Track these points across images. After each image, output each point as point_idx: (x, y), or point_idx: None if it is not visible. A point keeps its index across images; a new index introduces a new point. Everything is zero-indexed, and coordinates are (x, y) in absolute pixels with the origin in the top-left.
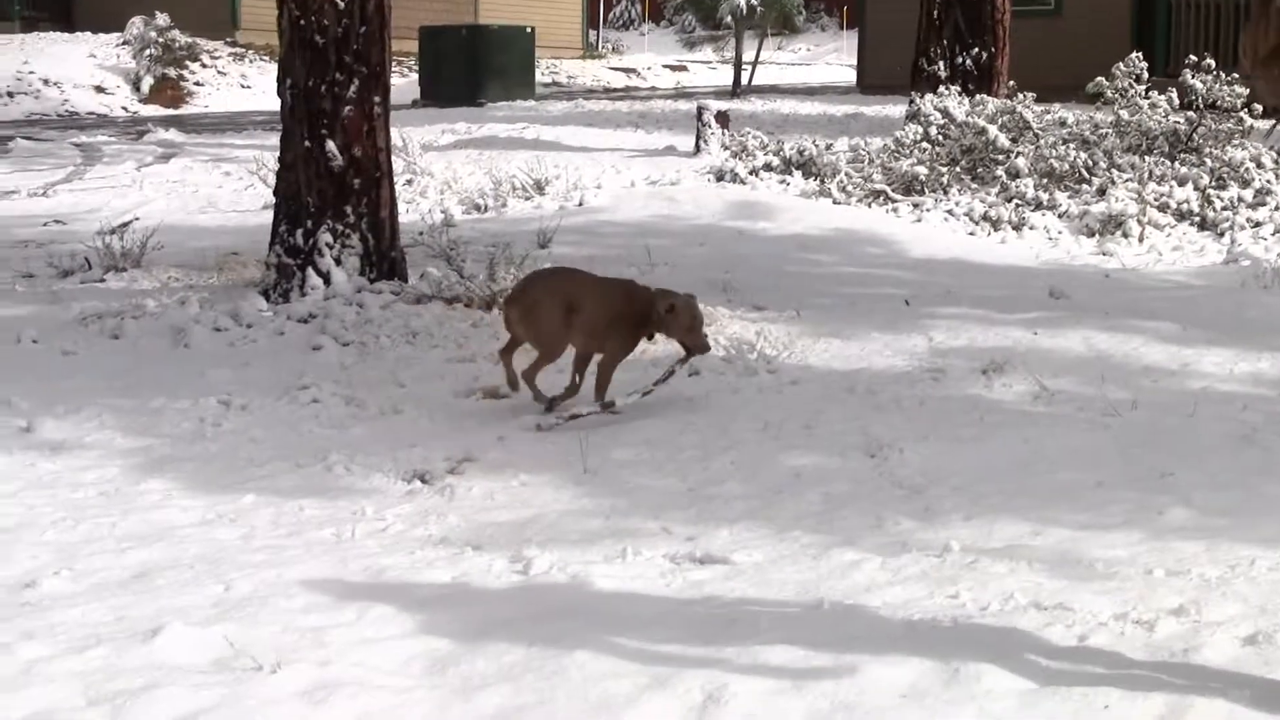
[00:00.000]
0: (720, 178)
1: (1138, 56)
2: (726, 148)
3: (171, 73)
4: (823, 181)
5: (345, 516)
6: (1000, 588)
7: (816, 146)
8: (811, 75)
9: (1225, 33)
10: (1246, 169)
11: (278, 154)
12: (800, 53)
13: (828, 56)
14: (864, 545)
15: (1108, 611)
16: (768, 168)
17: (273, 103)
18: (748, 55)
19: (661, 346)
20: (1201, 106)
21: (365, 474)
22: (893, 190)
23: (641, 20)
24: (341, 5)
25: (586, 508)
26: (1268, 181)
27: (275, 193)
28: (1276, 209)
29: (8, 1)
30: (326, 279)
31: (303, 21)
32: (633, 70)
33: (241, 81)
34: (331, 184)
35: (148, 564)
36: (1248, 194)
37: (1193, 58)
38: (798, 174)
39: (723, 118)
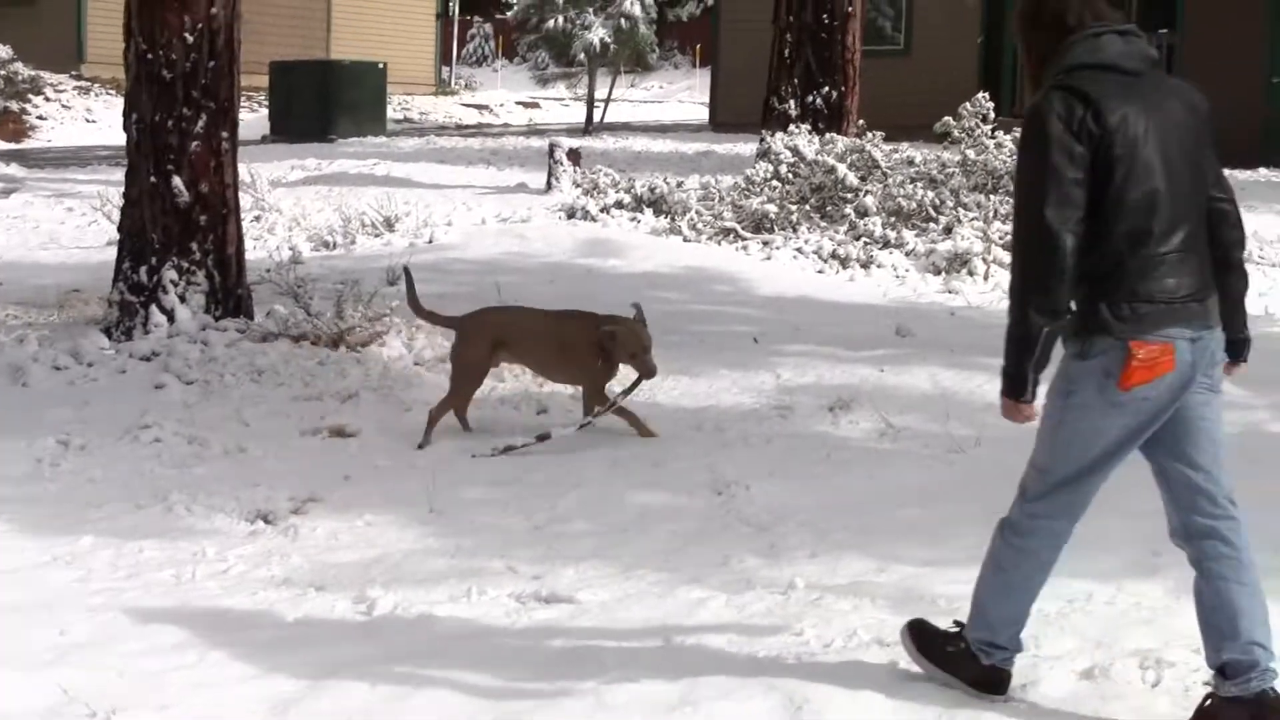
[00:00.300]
0: (571, 215)
1: (984, 97)
2: (578, 185)
3: (14, 106)
4: (673, 219)
5: (186, 558)
6: (844, 625)
7: (667, 184)
8: (664, 113)
9: None
10: None
11: (123, 190)
12: (653, 90)
13: (680, 94)
14: (710, 583)
15: None
16: (619, 205)
17: (118, 137)
18: (600, 92)
19: (510, 384)
20: None
21: (207, 514)
22: (743, 228)
23: (495, 57)
24: (190, 40)
25: (432, 547)
26: None
27: (120, 229)
28: None
29: None
30: (171, 316)
31: (150, 56)
32: (485, 107)
33: (86, 115)
34: (177, 220)
35: None
36: None
37: None
38: (649, 211)
39: (574, 155)
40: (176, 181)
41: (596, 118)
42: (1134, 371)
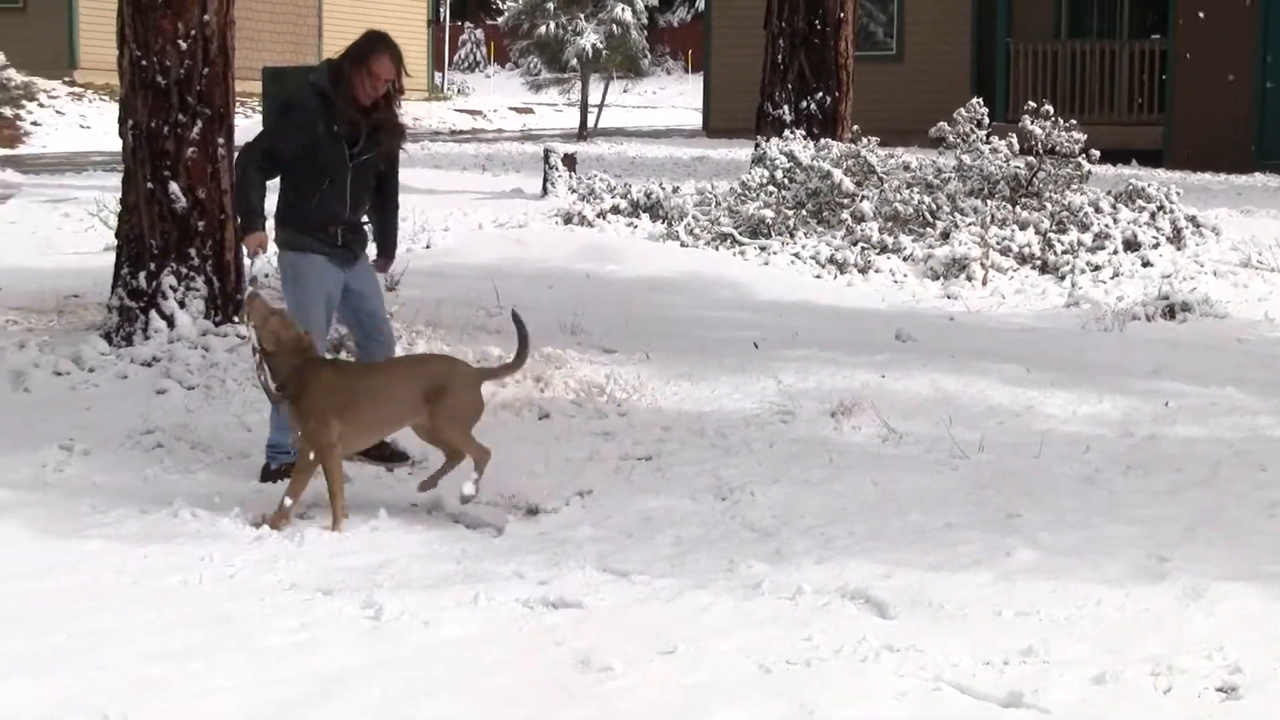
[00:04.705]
0: (568, 220)
1: (978, 102)
2: (574, 190)
3: (7, 112)
4: (670, 224)
5: (191, 563)
6: (853, 630)
7: (663, 189)
8: (657, 118)
9: (1062, 79)
10: (1085, 213)
11: (119, 195)
12: (646, 96)
13: (673, 100)
14: (716, 588)
15: (959, 653)
16: (615, 210)
17: (113, 143)
18: (594, 98)
19: (511, 390)
20: (1041, 151)
21: (212, 519)
22: (739, 233)
23: (487, 63)
24: (184, 46)
25: (438, 551)
26: (1106, 226)
27: (117, 235)
28: (1115, 253)
29: None
30: (170, 322)
31: (144, 62)
32: (479, 112)
33: (80, 121)
34: (175, 226)
35: None
36: (1087, 238)
37: (1031, 104)
38: (645, 217)
39: (569, 160)
40: (173, 187)
41: (590, 123)
42: None
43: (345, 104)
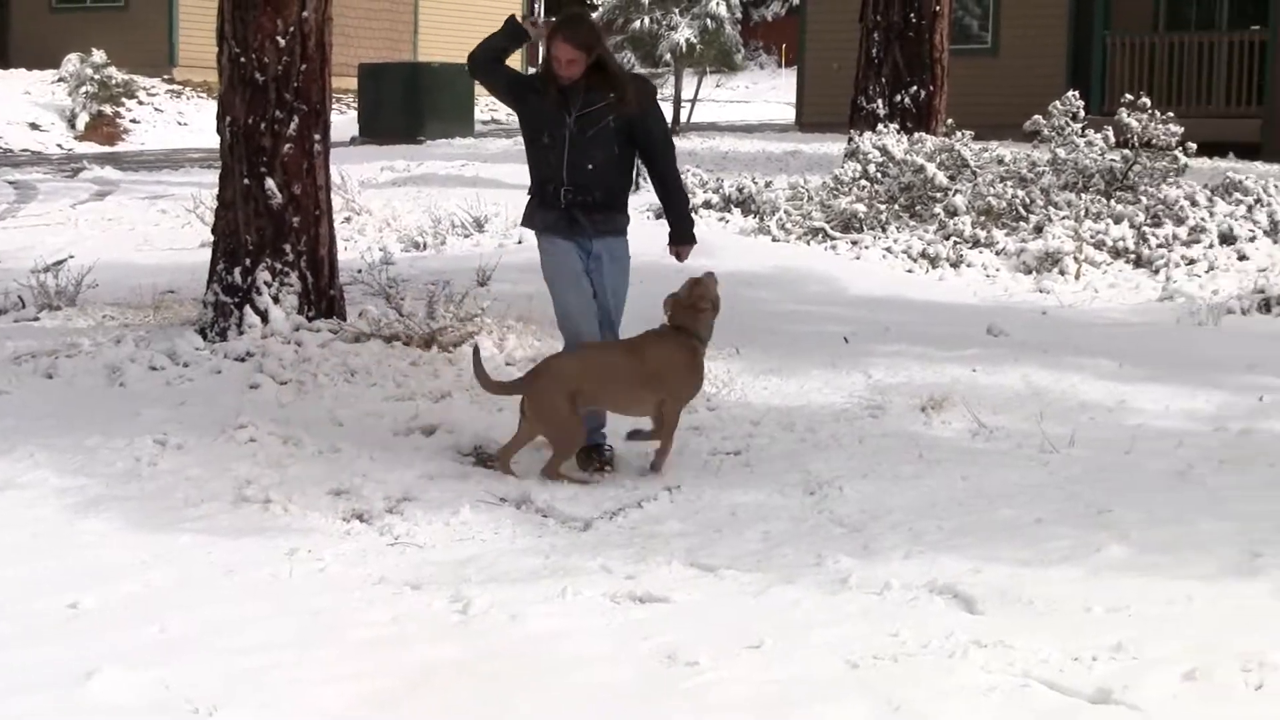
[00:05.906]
0: (659, 215)
1: (1074, 95)
2: None
3: (108, 110)
4: (762, 219)
5: (282, 557)
6: (941, 626)
7: (755, 184)
8: (750, 113)
9: (1159, 72)
10: (1181, 207)
11: (216, 192)
12: (739, 90)
13: (766, 95)
14: (804, 583)
15: (1048, 649)
16: (707, 205)
17: (210, 140)
18: (686, 93)
19: None
20: (1136, 145)
21: (303, 513)
22: (831, 228)
23: None
24: (282, 43)
25: (525, 546)
26: (1201, 219)
27: (213, 231)
28: (1210, 247)
29: None
30: (264, 317)
31: (243, 59)
32: None
33: (179, 119)
34: (270, 222)
35: (82, 606)
36: (1182, 231)
37: (1128, 96)
38: (737, 211)
39: None
40: (270, 183)
41: (683, 118)
42: None
43: (550, 80)
